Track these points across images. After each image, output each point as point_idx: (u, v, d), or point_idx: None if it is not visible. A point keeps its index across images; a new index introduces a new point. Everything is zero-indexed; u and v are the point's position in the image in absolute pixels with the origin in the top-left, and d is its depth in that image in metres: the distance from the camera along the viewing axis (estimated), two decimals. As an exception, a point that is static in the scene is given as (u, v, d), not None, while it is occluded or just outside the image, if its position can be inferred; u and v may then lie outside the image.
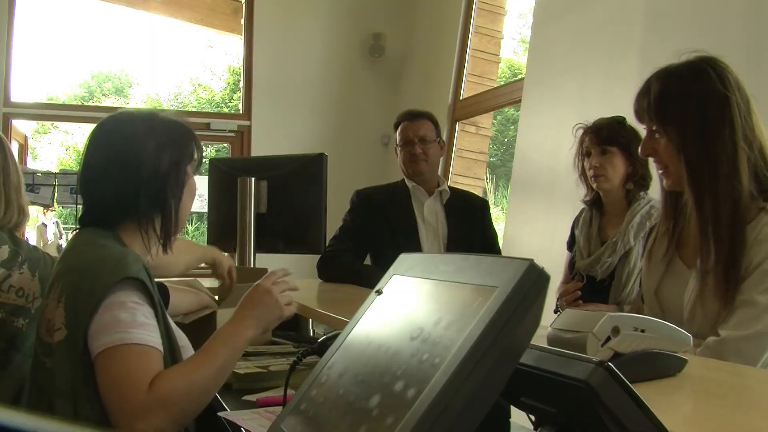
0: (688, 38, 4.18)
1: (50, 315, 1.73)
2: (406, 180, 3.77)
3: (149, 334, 1.68)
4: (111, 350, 1.62)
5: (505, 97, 6.86)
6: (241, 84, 8.73)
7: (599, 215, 3.25)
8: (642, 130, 3.13)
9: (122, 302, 1.67)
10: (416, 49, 8.36)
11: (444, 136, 7.28)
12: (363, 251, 3.67)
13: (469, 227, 3.69)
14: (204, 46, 28.23)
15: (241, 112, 8.54)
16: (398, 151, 3.76)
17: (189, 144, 1.95)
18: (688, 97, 2.03)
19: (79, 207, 7.56)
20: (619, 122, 3.17)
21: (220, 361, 1.73)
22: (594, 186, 3.18)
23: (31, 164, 24.47)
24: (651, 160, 2.16)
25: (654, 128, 2.09)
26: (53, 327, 1.70)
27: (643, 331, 1.40)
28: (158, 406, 1.58)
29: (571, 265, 3.29)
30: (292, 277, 2.01)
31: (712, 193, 1.99)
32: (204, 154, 2.01)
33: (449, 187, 3.80)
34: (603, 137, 3.12)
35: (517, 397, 1.04)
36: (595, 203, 3.27)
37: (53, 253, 2.70)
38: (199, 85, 28.03)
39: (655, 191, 3.25)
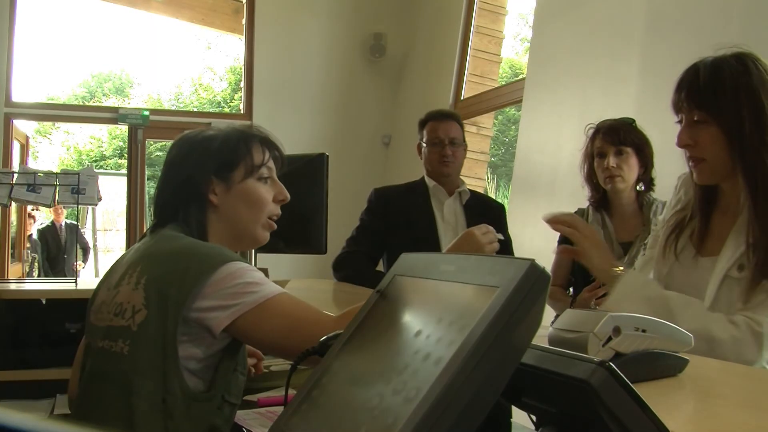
0: (688, 38, 4.18)
1: (123, 299, 1.76)
2: (426, 179, 3.77)
3: (279, 286, 1.75)
4: (258, 309, 1.68)
5: (506, 97, 6.86)
6: (242, 84, 8.74)
7: (608, 217, 3.25)
8: (651, 130, 3.13)
9: (242, 269, 1.73)
10: (417, 49, 8.36)
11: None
12: (379, 251, 3.67)
13: None
14: (205, 46, 28.25)
15: (242, 112, 8.56)
16: (423, 150, 3.76)
17: (229, 148, 1.98)
18: (741, 88, 2.01)
19: (81, 207, 7.55)
20: (630, 123, 3.17)
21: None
22: (608, 187, 3.17)
23: (32, 164, 24.50)
24: (684, 152, 2.12)
25: (696, 118, 2.06)
26: (129, 309, 1.73)
27: (644, 331, 1.40)
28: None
29: (582, 267, 3.26)
30: None
31: (766, 185, 1.99)
32: (267, 157, 2.04)
33: (468, 189, 3.80)
34: (620, 137, 3.12)
35: (518, 397, 1.04)
36: (602, 205, 3.26)
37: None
38: (200, 85, 28.02)
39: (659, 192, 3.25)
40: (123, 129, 14.39)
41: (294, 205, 3.39)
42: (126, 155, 9.46)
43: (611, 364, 0.88)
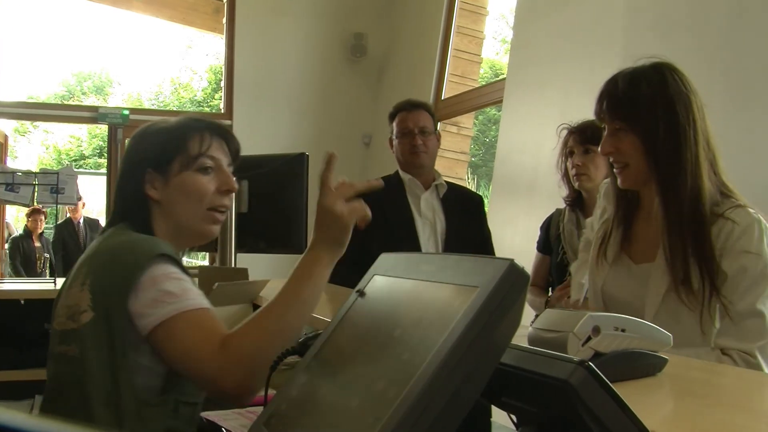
0: (669, 38, 4.20)
1: (72, 301, 1.71)
2: (400, 173, 3.69)
3: (200, 299, 1.68)
4: (170, 322, 1.61)
5: (486, 98, 6.88)
6: (222, 83, 8.71)
7: (583, 217, 3.25)
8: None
9: (166, 274, 1.67)
10: (398, 49, 8.37)
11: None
12: (360, 256, 3.58)
13: (467, 223, 3.62)
14: (185, 45, 28.17)
15: (222, 111, 8.53)
16: (394, 143, 3.68)
17: (166, 140, 1.90)
18: (657, 99, 2.11)
19: (59, 206, 7.50)
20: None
21: (293, 295, 1.70)
22: (576, 185, 3.19)
23: (11, 164, 24.33)
24: (610, 158, 2.18)
25: (618, 127, 2.14)
26: (77, 311, 1.68)
27: (623, 330, 1.40)
28: (234, 364, 1.56)
29: (559, 267, 3.29)
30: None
31: (677, 191, 2.08)
32: (206, 147, 1.90)
33: (445, 181, 3.72)
34: (587, 137, 3.14)
35: (498, 397, 1.04)
36: (577, 205, 3.28)
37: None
38: (180, 84, 27.94)
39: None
40: (103, 128, 14.34)
41: (274, 205, 3.39)
42: (105, 155, 9.41)
43: (591, 363, 0.88)
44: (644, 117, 2.09)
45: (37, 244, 9.33)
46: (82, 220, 9.69)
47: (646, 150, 2.09)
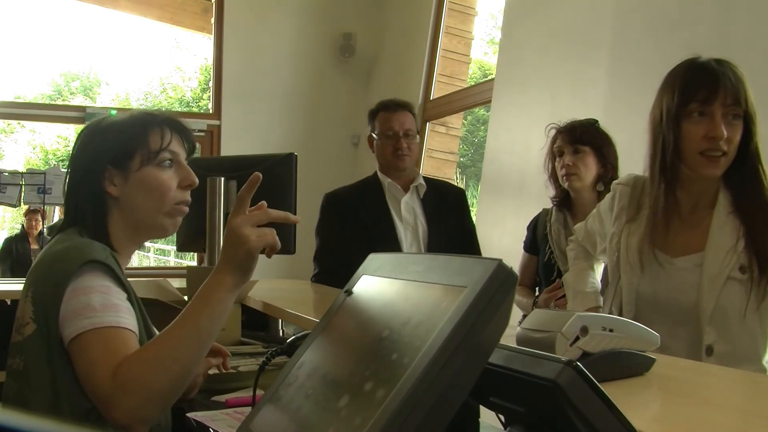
0: (657, 37, 4.21)
1: (20, 313, 1.68)
2: (379, 175, 3.63)
3: (121, 316, 1.59)
4: (81, 337, 1.54)
5: (475, 98, 6.89)
6: (210, 83, 8.70)
7: (571, 217, 3.26)
8: (618, 131, 3.14)
9: (90, 286, 1.60)
10: (387, 49, 8.37)
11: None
12: (339, 262, 3.49)
13: (449, 220, 3.57)
14: (173, 45, 28.12)
15: (210, 111, 8.52)
16: (376, 143, 3.60)
17: (123, 134, 1.84)
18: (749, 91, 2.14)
19: (46, 206, 7.45)
20: (592, 124, 3.19)
21: (189, 322, 1.57)
22: (565, 185, 3.18)
23: (-2, 163, 24.24)
24: (706, 143, 2.13)
25: (735, 113, 2.13)
26: (23, 323, 1.65)
27: (611, 330, 1.40)
28: (122, 391, 1.46)
29: (546, 267, 3.29)
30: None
31: (758, 181, 2.14)
32: (166, 141, 1.86)
33: (424, 178, 3.65)
34: (576, 136, 3.14)
35: (487, 397, 1.04)
36: (565, 205, 3.28)
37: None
38: (168, 84, 27.89)
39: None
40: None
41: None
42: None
43: (578, 363, 0.88)
44: (748, 107, 2.11)
45: (35, 246, 8.80)
46: (45, 227, 9.45)
47: (744, 140, 2.11)
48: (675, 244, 2.20)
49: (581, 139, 3.13)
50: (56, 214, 9.70)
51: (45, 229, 8.68)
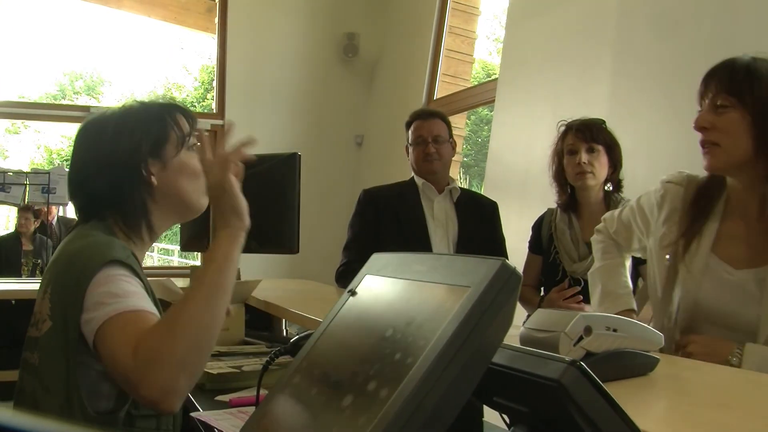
0: (660, 39, 4.21)
1: (37, 308, 1.70)
2: (415, 178, 3.71)
3: (139, 301, 1.59)
4: (103, 327, 1.53)
5: (478, 97, 6.88)
6: (214, 83, 8.70)
7: (576, 218, 3.25)
8: (622, 131, 3.13)
9: (110, 275, 1.61)
10: (390, 48, 8.36)
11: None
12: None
13: (480, 228, 3.64)
14: (177, 45, 28.14)
15: (214, 111, 8.51)
16: (410, 150, 3.70)
17: (155, 124, 1.88)
18: None
19: (52, 206, 7.43)
20: (602, 124, 3.19)
21: (200, 280, 1.62)
22: (577, 184, 3.17)
23: (2, 163, 24.29)
24: (699, 136, 2.08)
25: (720, 102, 2.06)
26: (40, 320, 1.66)
27: (615, 330, 1.40)
28: (145, 365, 1.44)
29: (552, 267, 3.28)
30: None
31: None
32: (189, 125, 1.94)
33: (459, 187, 3.73)
34: (592, 135, 3.13)
35: (490, 397, 1.04)
36: (570, 207, 3.26)
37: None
38: (172, 83, 27.91)
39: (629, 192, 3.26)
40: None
41: (266, 205, 3.39)
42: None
43: (582, 363, 0.88)
44: (760, 95, 2.02)
45: (28, 246, 8.25)
46: (55, 220, 8.81)
47: (755, 129, 2.01)
48: (738, 255, 2.09)
49: (596, 137, 3.12)
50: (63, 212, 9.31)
51: (54, 223, 8.33)
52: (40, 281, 1.81)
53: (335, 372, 1.00)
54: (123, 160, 1.81)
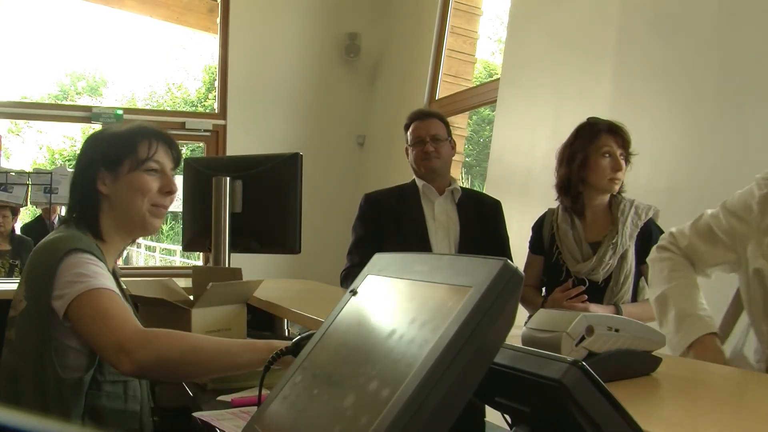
0: (662, 39, 4.21)
1: (16, 293, 1.99)
2: (416, 180, 3.69)
3: (110, 282, 1.89)
4: (82, 296, 1.82)
5: (480, 98, 6.88)
6: (216, 83, 8.70)
7: (578, 218, 3.21)
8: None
9: (79, 259, 1.90)
10: (392, 48, 8.36)
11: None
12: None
13: (482, 228, 3.61)
14: (179, 45, 28.14)
15: (216, 111, 8.52)
16: (409, 151, 3.69)
17: (120, 143, 2.12)
18: None
19: (45, 207, 7.39)
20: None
21: (223, 346, 1.81)
22: (607, 188, 3.12)
23: (4, 163, 24.26)
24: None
25: None
26: (17, 300, 1.96)
27: (617, 330, 1.40)
28: (149, 338, 1.74)
29: (554, 268, 3.24)
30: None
31: None
32: (153, 151, 2.13)
33: (461, 187, 3.71)
34: (627, 140, 3.10)
35: (492, 397, 1.04)
36: (575, 208, 3.21)
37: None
38: (174, 84, 27.91)
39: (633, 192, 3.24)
40: (96, 128, 14.22)
41: (268, 205, 3.39)
42: (99, 154, 9.26)
43: (584, 363, 0.88)
44: None
45: (4, 246, 7.43)
46: (57, 219, 7.96)
47: None
48: None
49: (628, 143, 3.09)
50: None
51: (56, 222, 7.67)
52: (17, 281, 2.10)
53: (337, 372, 1.00)
54: (83, 167, 2.13)
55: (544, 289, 3.34)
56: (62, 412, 1.84)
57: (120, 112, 8.29)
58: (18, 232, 7.59)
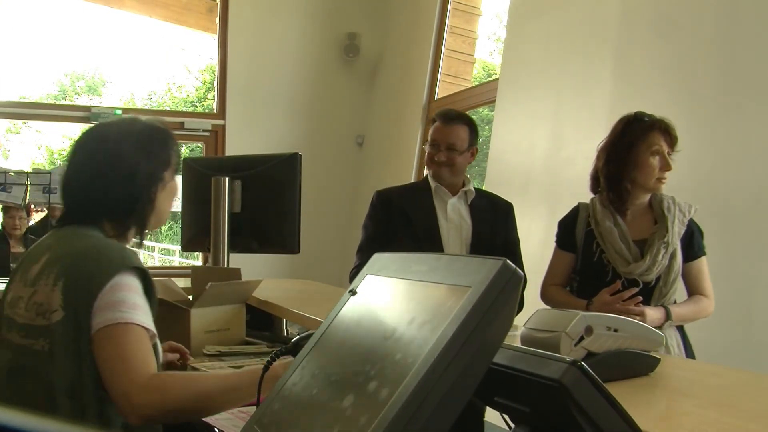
0: (661, 39, 4.21)
1: (43, 299, 1.81)
2: (429, 179, 3.60)
3: (148, 319, 1.78)
4: (112, 328, 1.72)
5: (479, 98, 6.88)
6: (215, 83, 8.70)
7: (620, 215, 3.03)
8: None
9: (129, 285, 1.79)
10: (391, 48, 8.36)
11: (419, 136, 7.29)
12: None
13: (494, 229, 3.52)
14: (178, 45, 28.12)
15: (215, 111, 8.51)
16: (426, 147, 3.58)
17: (165, 150, 2.04)
18: None
19: (52, 206, 7.40)
20: None
21: (229, 382, 1.74)
22: (654, 187, 2.98)
23: (3, 163, 24.30)
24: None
25: None
26: (49, 309, 1.79)
27: (616, 330, 1.40)
28: (157, 388, 1.65)
29: (596, 267, 3.04)
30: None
31: None
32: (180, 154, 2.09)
33: (475, 188, 3.61)
34: (676, 138, 2.97)
35: (491, 397, 1.04)
36: (614, 203, 3.04)
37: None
38: (173, 84, 27.90)
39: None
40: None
41: (267, 205, 3.39)
42: (98, 154, 9.24)
43: (583, 363, 0.88)
44: None
45: (18, 248, 7.43)
46: None
47: None
48: None
49: (675, 142, 2.97)
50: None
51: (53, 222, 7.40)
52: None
53: (336, 372, 1.00)
54: (140, 178, 1.98)
55: (571, 288, 3.18)
56: (103, 427, 1.78)
57: (119, 112, 8.29)
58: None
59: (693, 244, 2.89)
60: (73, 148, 2.08)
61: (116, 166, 1.98)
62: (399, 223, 3.49)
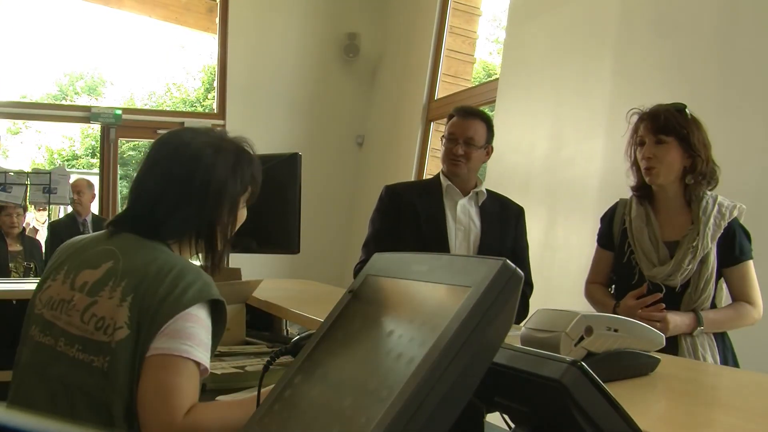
0: (661, 39, 4.21)
1: (108, 313, 1.71)
2: (441, 177, 3.54)
3: (206, 356, 1.71)
4: (171, 357, 1.65)
5: (479, 98, 6.87)
6: (215, 83, 8.70)
7: (653, 213, 2.92)
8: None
9: (200, 318, 1.71)
10: (391, 49, 8.37)
11: (418, 136, 7.30)
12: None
13: (503, 233, 3.47)
14: (178, 45, 28.12)
15: (215, 111, 8.52)
16: (442, 143, 3.53)
17: (249, 174, 1.97)
18: None
19: (53, 206, 7.36)
20: (678, 110, 2.85)
21: (246, 406, 1.69)
22: (647, 180, 2.85)
23: (3, 163, 24.27)
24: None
25: None
26: (113, 325, 1.69)
27: (616, 330, 1.40)
28: (190, 427, 1.61)
29: (626, 267, 2.93)
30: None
31: None
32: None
33: (486, 190, 3.55)
34: (659, 125, 2.80)
35: (491, 397, 1.04)
36: (646, 197, 2.93)
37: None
38: (173, 84, 27.89)
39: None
40: (95, 128, 14.21)
41: (267, 205, 3.38)
42: (98, 154, 9.29)
43: (583, 363, 0.88)
44: None
45: (15, 247, 7.35)
46: (89, 218, 7.60)
47: None
48: None
49: (665, 127, 2.79)
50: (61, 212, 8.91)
51: (89, 221, 7.31)
52: (34, 281, 1.84)
53: (336, 372, 1.00)
54: (226, 187, 1.91)
55: (614, 289, 3.07)
56: None
57: (119, 112, 8.29)
58: (45, 229, 7.39)
59: (734, 247, 2.76)
60: (151, 154, 1.95)
61: (205, 184, 1.87)
62: (407, 220, 3.43)
